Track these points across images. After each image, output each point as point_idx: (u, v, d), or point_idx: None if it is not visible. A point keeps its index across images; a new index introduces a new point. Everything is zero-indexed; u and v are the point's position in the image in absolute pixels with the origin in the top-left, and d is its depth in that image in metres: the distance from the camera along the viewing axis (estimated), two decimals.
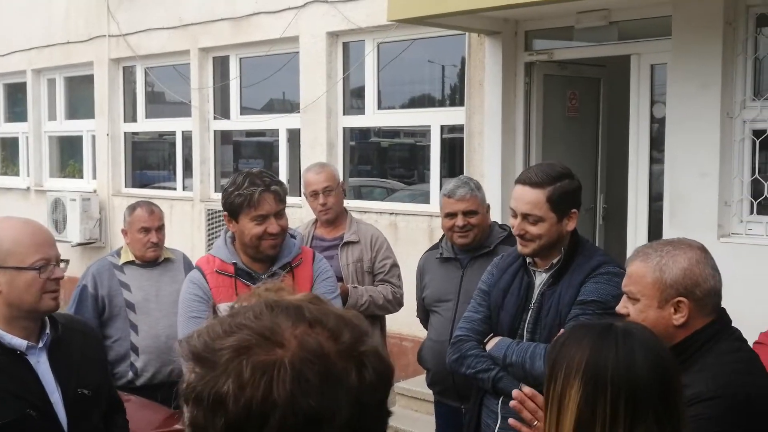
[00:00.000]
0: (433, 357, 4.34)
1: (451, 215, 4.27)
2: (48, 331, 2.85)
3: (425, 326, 4.64)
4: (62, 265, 2.83)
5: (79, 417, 2.86)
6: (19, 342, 2.74)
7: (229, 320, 1.27)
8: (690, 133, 6.13)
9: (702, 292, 2.48)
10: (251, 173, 3.62)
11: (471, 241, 4.27)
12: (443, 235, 4.52)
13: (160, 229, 4.96)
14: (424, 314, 4.55)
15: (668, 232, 6.14)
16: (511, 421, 2.65)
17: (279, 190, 3.59)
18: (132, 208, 5.01)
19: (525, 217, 3.23)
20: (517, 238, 3.31)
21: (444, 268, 4.40)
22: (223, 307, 1.35)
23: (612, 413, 1.85)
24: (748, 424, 2.30)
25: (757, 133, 5.99)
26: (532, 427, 2.54)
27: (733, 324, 2.61)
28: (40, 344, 2.82)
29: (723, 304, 2.62)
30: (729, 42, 5.99)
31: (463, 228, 4.23)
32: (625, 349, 1.90)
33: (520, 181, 3.31)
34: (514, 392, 2.66)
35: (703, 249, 2.57)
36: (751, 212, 6.07)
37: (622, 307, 2.57)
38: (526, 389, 2.64)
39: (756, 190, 6.05)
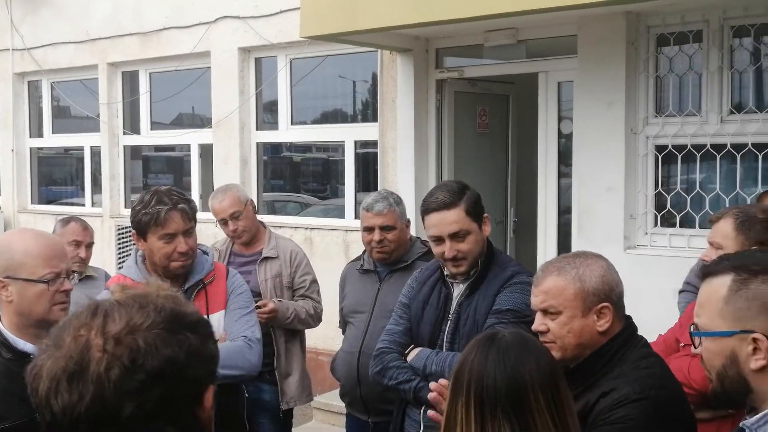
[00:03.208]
0: (343, 367, 4.36)
1: (369, 229, 4.28)
2: None
3: None
4: (73, 276, 2.84)
5: None
6: (31, 347, 2.71)
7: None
8: (596, 149, 6.32)
9: (617, 296, 2.63)
10: (159, 191, 3.60)
11: (388, 256, 4.28)
12: None
13: (90, 246, 4.99)
14: (344, 325, 4.54)
15: (577, 245, 6.31)
16: (430, 413, 2.75)
17: (187, 209, 3.57)
18: (66, 221, 5.00)
19: (453, 237, 3.30)
20: (448, 262, 3.35)
21: (363, 280, 4.42)
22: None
23: (466, 412, 1.99)
24: (669, 424, 2.43)
25: (659, 149, 6.22)
26: None
27: (639, 332, 2.72)
28: None
29: (629, 314, 2.74)
30: (632, 61, 6.21)
31: (380, 243, 4.24)
32: (482, 355, 2.04)
33: (431, 209, 3.35)
34: (432, 384, 2.77)
35: (604, 257, 2.71)
36: (655, 224, 6.29)
37: (540, 324, 2.64)
38: (444, 381, 2.73)
39: (659, 203, 6.28)
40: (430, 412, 2.76)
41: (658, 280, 5.76)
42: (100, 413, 1.39)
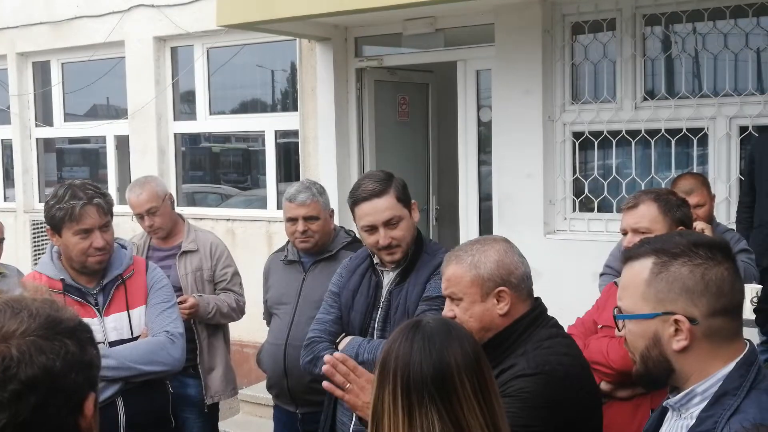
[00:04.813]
0: (269, 359, 4.32)
1: (292, 220, 4.24)
2: None
3: None
4: None
5: None
6: None
7: None
8: (515, 136, 6.41)
9: (516, 278, 2.69)
10: (74, 185, 3.51)
11: (312, 246, 4.25)
12: None
13: (0, 242, 4.83)
14: (269, 317, 4.50)
15: (498, 231, 6.39)
16: (324, 384, 2.74)
17: (102, 203, 3.49)
18: None
19: (387, 224, 3.30)
20: (382, 251, 3.35)
21: (287, 271, 4.37)
22: None
23: (393, 400, 1.98)
24: (566, 396, 2.51)
25: (576, 135, 6.33)
26: (345, 390, 2.69)
27: (557, 313, 2.80)
28: None
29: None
30: (548, 49, 6.30)
31: (303, 233, 4.20)
32: (407, 343, 2.04)
33: (362, 198, 3.34)
34: (326, 357, 2.75)
35: (506, 240, 2.78)
36: (574, 210, 6.41)
37: (448, 310, 2.72)
38: (338, 354, 2.77)
39: (577, 188, 6.40)
40: (325, 384, 2.74)
41: (577, 263, 5.87)
42: None
